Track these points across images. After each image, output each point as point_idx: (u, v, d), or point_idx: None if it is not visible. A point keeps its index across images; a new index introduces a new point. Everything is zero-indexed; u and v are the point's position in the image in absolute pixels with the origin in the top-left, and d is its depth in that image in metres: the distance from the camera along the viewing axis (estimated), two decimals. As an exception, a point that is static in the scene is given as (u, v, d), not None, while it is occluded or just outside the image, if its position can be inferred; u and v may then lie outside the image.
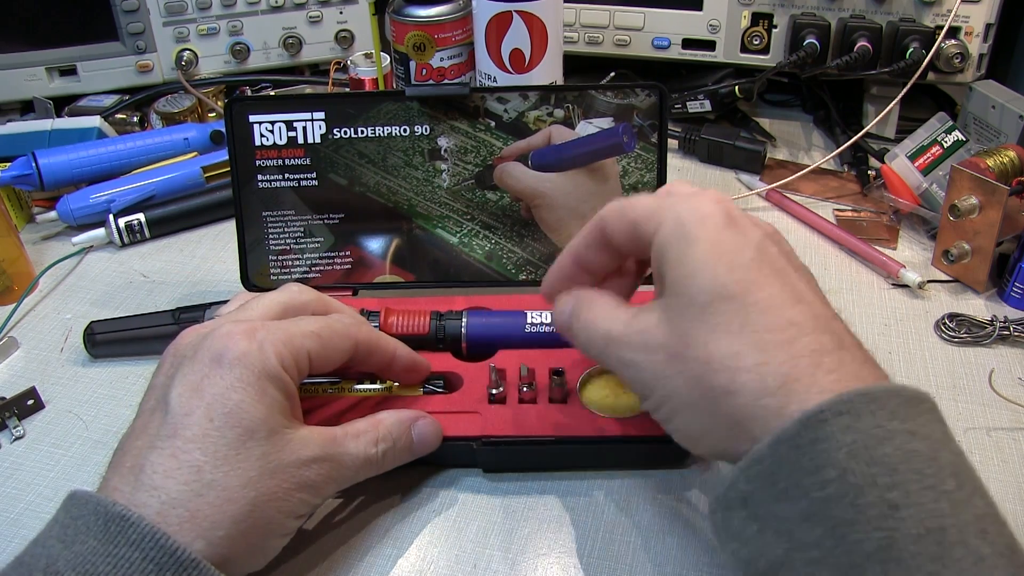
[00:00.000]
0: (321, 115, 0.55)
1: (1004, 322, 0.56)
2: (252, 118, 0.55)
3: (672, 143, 0.77)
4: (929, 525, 0.29)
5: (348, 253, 0.57)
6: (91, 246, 0.67)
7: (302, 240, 0.56)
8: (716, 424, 0.34)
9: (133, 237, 0.67)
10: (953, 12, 0.69)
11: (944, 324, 0.57)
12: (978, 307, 0.59)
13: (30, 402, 0.52)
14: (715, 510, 0.34)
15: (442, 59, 0.76)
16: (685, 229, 0.36)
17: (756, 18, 0.75)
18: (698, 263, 0.35)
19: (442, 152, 0.56)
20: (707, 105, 0.77)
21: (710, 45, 0.78)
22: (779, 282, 0.35)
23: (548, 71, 0.73)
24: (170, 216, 0.68)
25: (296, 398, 0.41)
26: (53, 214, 0.68)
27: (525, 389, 0.47)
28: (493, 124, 0.56)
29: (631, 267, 0.43)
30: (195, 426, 0.37)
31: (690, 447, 0.37)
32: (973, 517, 0.30)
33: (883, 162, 0.69)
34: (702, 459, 0.46)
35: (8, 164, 0.68)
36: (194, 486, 0.36)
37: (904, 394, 0.32)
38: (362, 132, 0.55)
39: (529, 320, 0.51)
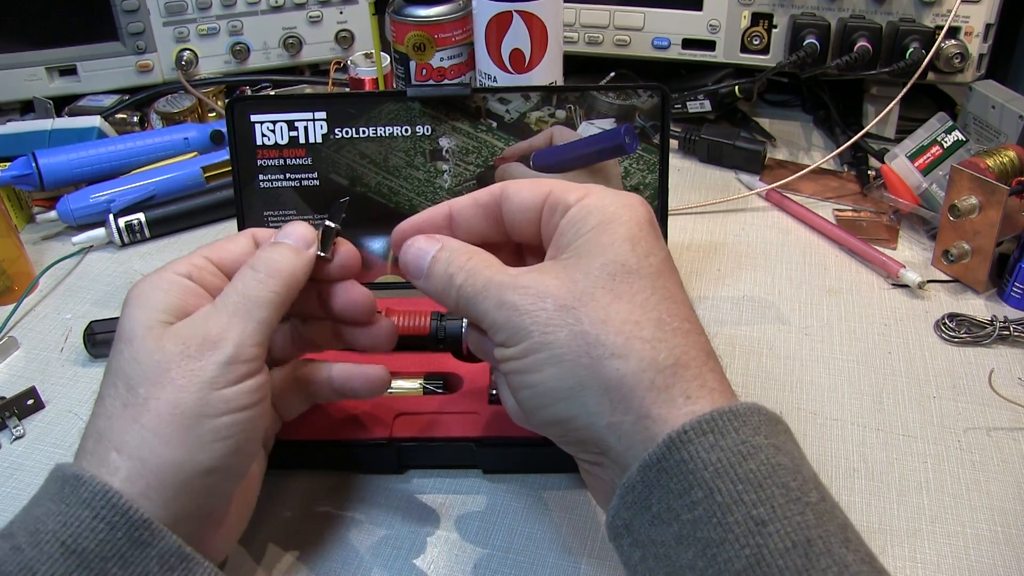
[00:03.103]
0: (323, 115, 0.55)
1: (1004, 322, 0.56)
2: (254, 118, 0.55)
3: (672, 143, 0.77)
4: (795, 538, 0.29)
5: (349, 253, 0.57)
6: (91, 246, 0.67)
7: (303, 240, 0.56)
8: (588, 384, 0.33)
9: (133, 237, 0.67)
10: (953, 12, 0.70)
11: (944, 324, 0.57)
12: (978, 307, 0.59)
13: (30, 402, 0.52)
14: (609, 538, 0.34)
15: (442, 59, 0.76)
16: (609, 211, 0.36)
17: (756, 18, 0.75)
18: (618, 237, 0.36)
19: (444, 153, 0.56)
20: (707, 105, 0.77)
21: (710, 45, 0.78)
22: (681, 287, 0.36)
23: (548, 71, 0.73)
24: (170, 216, 0.68)
25: (189, 293, 0.38)
26: (53, 214, 0.68)
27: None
28: (495, 125, 0.56)
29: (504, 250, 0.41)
30: (120, 371, 0.36)
31: (539, 408, 0.35)
32: (837, 527, 0.30)
33: (883, 162, 0.69)
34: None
35: (8, 164, 0.68)
36: (140, 433, 0.34)
37: (764, 412, 0.33)
38: (363, 132, 0.55)
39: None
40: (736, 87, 0.76)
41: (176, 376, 0.35)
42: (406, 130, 0.55)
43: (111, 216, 0.67)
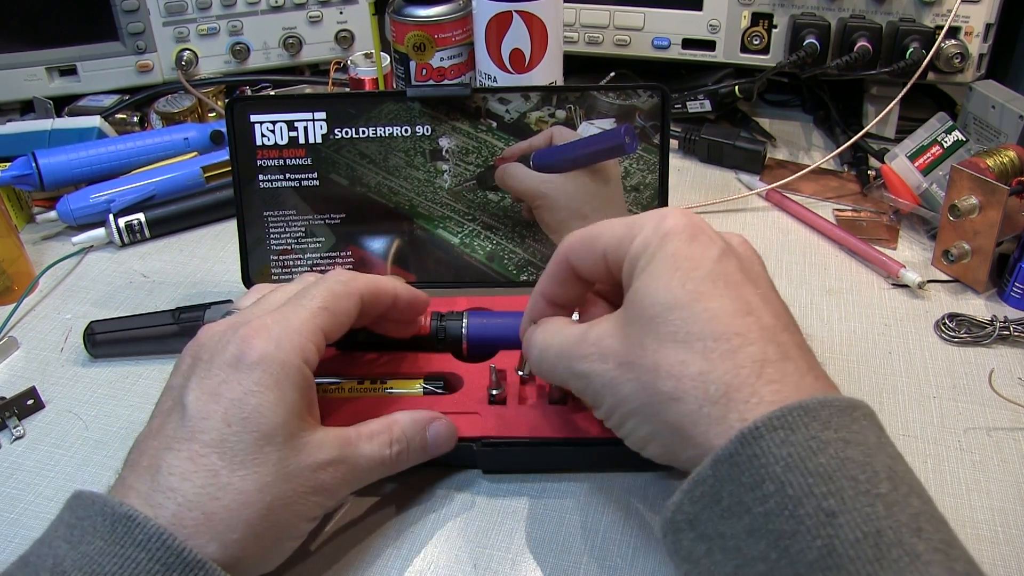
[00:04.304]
0: (322, 115, 0.55)
1: (1004, 322, 0.56)
2: (254, 118, 0.55)
3: (672, 143, 0.77)
4: (866, 529, 0.30)
5: (349, 253, 0.57)
6: (91, 246, 0.67)
7: (303, 240, 0.56)
8: (661, 429, 0.36)
9: (133, 237, 0.67)
10: (953, 12, 0.70)
11: (944, 324, 0.57)
12: (978, 307, 0.59)
13: (30, 402, 0.52)
14: (665, 533, 0.35)
15: (442, 59, 0.76)
16: (650, 247, 0.37)
17: (756, 18, 0.75)
18: (655, 275, 0.37)
19: (443, 153, 0.56)
20: (707, 105, 0.77)
21: (710, 45, 0.78)
22: (730, 294, 0.36)
23: (548, 71, 0.73)
24: (170, 216, 0.68)
25: (313, 389, 0.41)
26: (53, 214, 0.68)
27: (526, 390, 0.47)
28: (495, 125, 0.56)
29: (595, 297, 0.44)
30: (213, 430, 0.37)
31: (640, 451, 0.39)
32: (908, 517, 0.30)
33: (883, 162, 0.69)
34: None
35: (8, 164, 0.68)
36: (210, 489, 0.36)
37: (836, 404, 0.33)
38: (363, 132, 0.55)
39: (530, 320, 0.51)
40: (736, 87, 0.76)
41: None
42: (406, 130, 0.55)
43: (111, 216, 0.67)
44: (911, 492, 0.32)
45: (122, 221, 0.67)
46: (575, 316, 0.44)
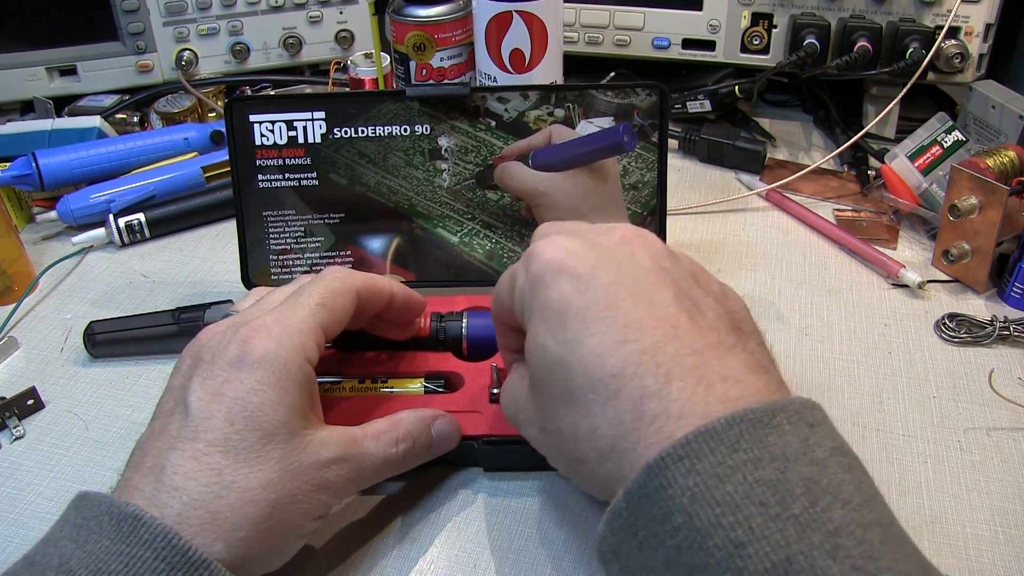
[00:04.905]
0: (321, 115, 0.55)
1: (1004, 322, 0.56)
2: (252, 118, 0.55)
3: (672, 143, 0.77)
4: (774, 558, 0.28)
5: (349, 253, 0.57)
6: (91, 246, 0.67)
7: (303, 240, 0.56)
8: (590, 488, 0.37)
9: (133, 237, 0.67)
10: (953, 12, 0.70)
11: (944, 324, 0.57)
12: (978, 307, 0.59)
13: (30, 402, 0.52)
14: (601, 563, 0.34)
15: (442, 59, 0.76)
16: (524, 298, 0.38)
17: (756, 18, 0.75)
18: (533, 335, 0.36)
19: (442, 152, 0.56)
20: (707, 105, 0.77)
21: (710, 45, 0.78)
22: (600, 328, 0.34)
23: (548, 71, 0.73)
24: (170, 216, 0.68)
25: (315, 387, 0.41)
26: (53, 214, 0.68)
27: None
28: (494, 124, 0.56)
29: None
30: (216, 429, 0.37)
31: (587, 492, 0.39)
32: (823, 536, 0.29)
33: (883, 162, 0.69)
34: None
35: (8, 164, 0.68)
36: (215, 488, 0.36)
37: (749, 418, 0.31)
38: (362, 132, 0.55)
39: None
40: (736, 87, 0.76)
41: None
42: (405, 129, 0.55)
43: (111, 216, 0.67)
44: (833, 503, 0.29)
45: (122, 221, 0.67)
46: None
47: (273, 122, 0.55)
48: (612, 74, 0.82)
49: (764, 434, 0.31)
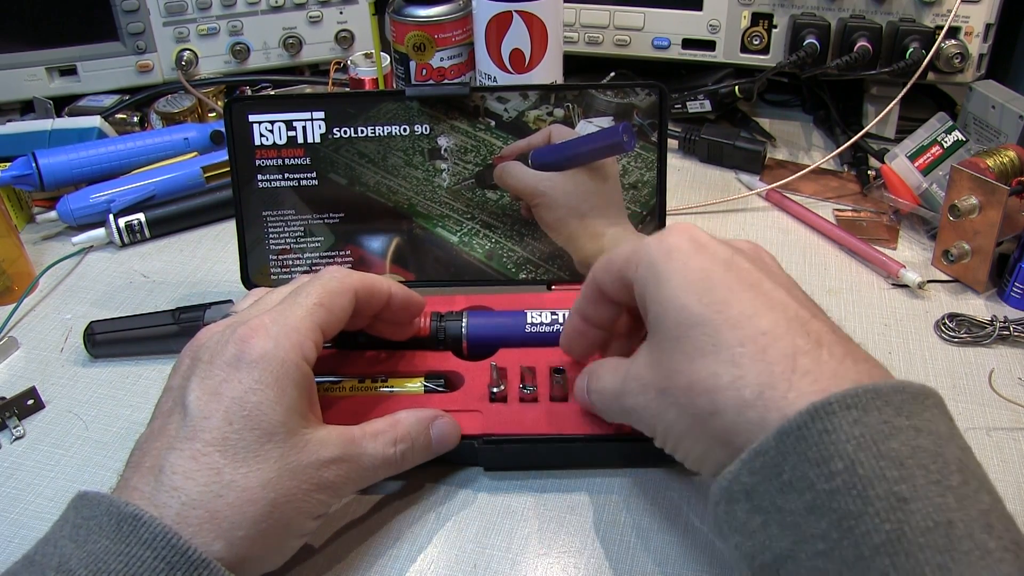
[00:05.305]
0: (321, 115, 0.55)
1: (1004, 322, 0.56)
2: (252, 118, 0.55)
3: (672, 143, 0.77)
4: (937, 518, 0.29)
5: (348, 252, 0.57)
6: (91, 246, 0.67)
7: (302, 240, 0.56)
8: (712, 445, 0.36)
9: (133, 237, 0.67)
10: (953, 12, 0.70)
11: (944, 324, 0.57)
12: (978, 307, 0.59)
13: (30, 402, 0.52)
14: (718, 502, 0.34)
15: (442, 59, 0.76)
16: (656, 268, 0.38)
17: (756, 18, 0.75)
18: (668, 297, 0.37)
19: (442, 151, 0.56)
20: (707, 105, 0.77)
21: (710, 45, 0.78)
22: (750, 295, 0.36)
23: (548, 71, 0.73)
24: (170, 216, 0.68)
25: (313, 387, 0.41)
26: (53, 214, 0.68)
27: (526, 388, 0.47)
28: (493, 123, 0.56)
29: (627, 321, 0.45)
30: (214, 429, 0.37)
31: (699, 471, 0.38)
32: (979, 512, 0.30)
33: (883, 162, 0.69)
34: None
35: (8, 164, 0.68)
36: (214, 487, 0.36)
37: (909, 390, 0.32)
38: (362, 132, 0.55)
39: (529, 319, 0.51)
40: (736, 87, 0.76)
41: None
42: (404, 129, 0.55)
43: (111, 216, 0.67)
44: (981, 487, 0.31)
45: (122, 221, 0.67)
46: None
47: (273, 122, 0.55)
48: (612, 74, 0.83)
49: (921, 408, 0.32)
